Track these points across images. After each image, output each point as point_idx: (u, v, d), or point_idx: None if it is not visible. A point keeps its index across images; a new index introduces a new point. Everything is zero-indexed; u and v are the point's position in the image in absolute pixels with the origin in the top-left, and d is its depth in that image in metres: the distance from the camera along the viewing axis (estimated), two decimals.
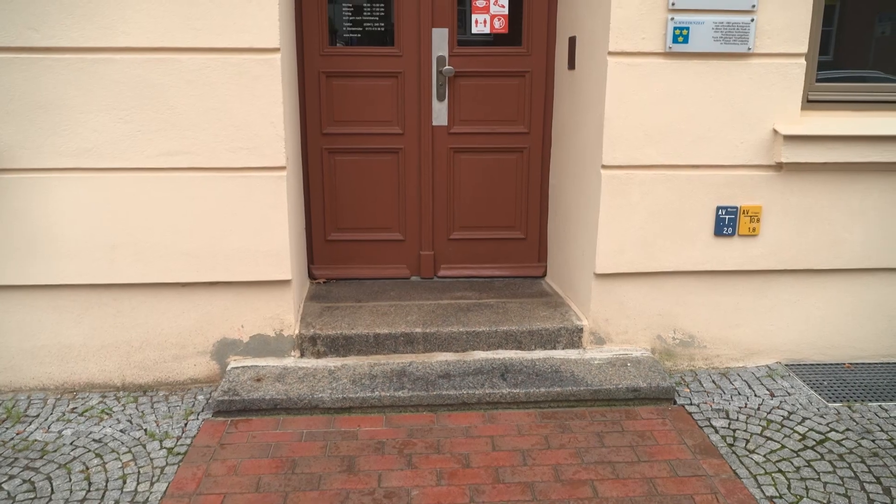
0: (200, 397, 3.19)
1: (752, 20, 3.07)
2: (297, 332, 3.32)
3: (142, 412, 3.06)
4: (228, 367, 3.25)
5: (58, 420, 3.00)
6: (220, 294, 3.23)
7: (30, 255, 3.06)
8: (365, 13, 3.78)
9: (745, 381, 3.36)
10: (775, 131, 3.17)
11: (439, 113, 3.86)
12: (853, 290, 3.48)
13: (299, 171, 3.67)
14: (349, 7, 3.76)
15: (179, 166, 3.03)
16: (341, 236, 3.99)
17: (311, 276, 4.00)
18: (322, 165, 3.87)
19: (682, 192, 3.25)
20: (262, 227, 3.13)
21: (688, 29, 3.06)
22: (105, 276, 3.11)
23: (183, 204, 3.07)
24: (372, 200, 3.96)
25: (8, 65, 2.86)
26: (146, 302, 3.20)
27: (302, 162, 3.78)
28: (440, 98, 3.83)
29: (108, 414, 3.05)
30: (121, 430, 2.90)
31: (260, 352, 3.31)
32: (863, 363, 3.56)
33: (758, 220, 3.29)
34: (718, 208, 3.27)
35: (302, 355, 3.33)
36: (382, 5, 3.77)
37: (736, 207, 3.27)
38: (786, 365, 3.51)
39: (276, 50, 2.96)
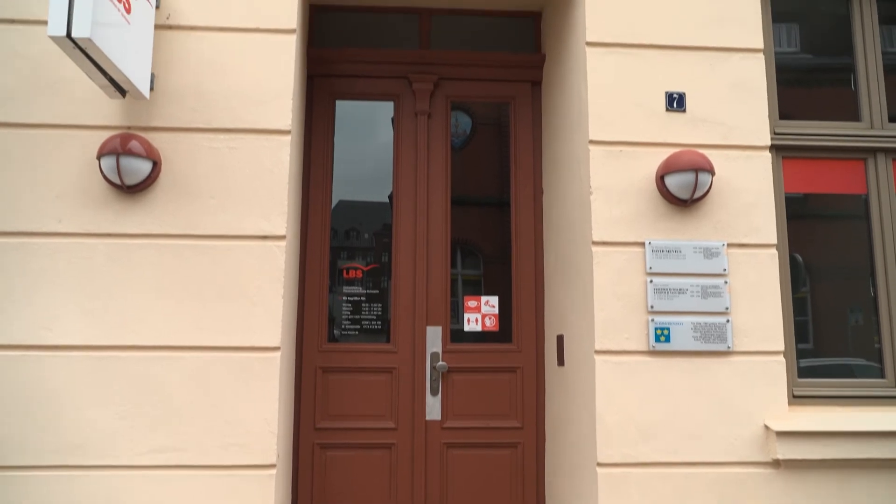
0: None
1: (728, 321, 3.25)
2: None
3: None
4: None
5: None
6: None
7: None
8: (363, 311, 4.01)
9: None
10: (767, 427, 3.18)
11: (433, 407, 3.89)
12: None
13: (289, 467, 3.58)
14: (349, 305, 4.00)
15: (168, 464, 2.97)
16: None
17: None
18: (313, 461, 3.79)
19: (682, 491, 3.15)
20: None
21: (668, 329, 3.23)
22: None
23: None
24: (363, 498, 3.80)
25: (16, 362, 2.96)
26: None
27: (292, 457, 3.71)
28: (434, 393, 3.89)
29: None
30: None
31: None
32: None
33: None
34: None
35: None
36: (380, 304, 4.01)
37: None
38: None
39: (276, 349, 3.09)
